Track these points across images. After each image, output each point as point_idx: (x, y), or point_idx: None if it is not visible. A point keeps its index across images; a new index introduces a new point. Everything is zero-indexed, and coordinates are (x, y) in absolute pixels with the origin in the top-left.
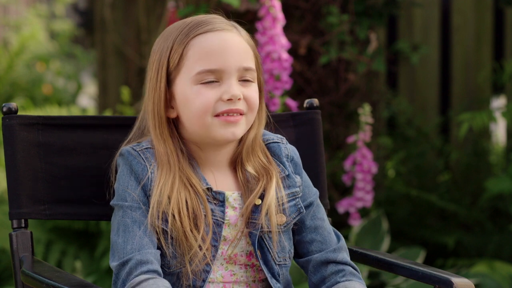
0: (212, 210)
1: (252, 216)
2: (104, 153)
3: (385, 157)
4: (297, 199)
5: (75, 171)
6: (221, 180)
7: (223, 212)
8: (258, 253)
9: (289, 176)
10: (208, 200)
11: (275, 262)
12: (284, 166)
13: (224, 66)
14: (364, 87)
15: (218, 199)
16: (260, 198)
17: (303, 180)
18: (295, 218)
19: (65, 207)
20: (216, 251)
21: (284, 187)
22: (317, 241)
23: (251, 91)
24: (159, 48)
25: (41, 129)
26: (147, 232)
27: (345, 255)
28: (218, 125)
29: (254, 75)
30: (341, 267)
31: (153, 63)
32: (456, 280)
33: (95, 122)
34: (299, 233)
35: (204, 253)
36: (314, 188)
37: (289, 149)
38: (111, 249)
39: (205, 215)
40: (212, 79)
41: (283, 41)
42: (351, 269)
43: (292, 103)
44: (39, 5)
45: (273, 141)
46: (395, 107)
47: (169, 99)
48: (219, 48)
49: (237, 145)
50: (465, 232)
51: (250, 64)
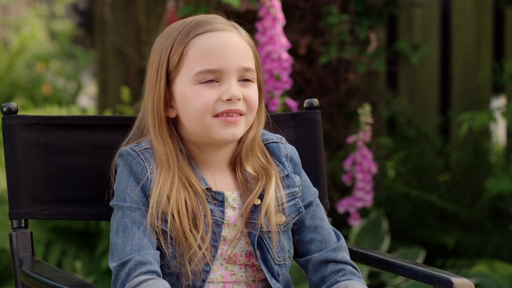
0: (211, 210)
1: (252, 216)
2: (104, 153)
3: (385, 157)
4: (296, 199)
5: (75, 171)
6: (220, 180)
7: (222, 212)
8: (258, 253)
9: (288, 176)
10: (207, 200)
11: (274, 262)
12: (283, 166)
13: (224, 66)
14: (364, 87)
15: (218, 199)
16: (259, 198)
17: (302, 179)
18: (294, 218)
19: (65, 207)
20: (216, 251)
21: (283, 187)
22: (316, 240)
23: (251, 92)
24: (159, 48)
25: (41, 129)
26: (147, 233)
27: (345, 254)
28: (217, 126)
29: (254, 75)
30: (341, 266)
31: (153, 62)
32: (456, 280)
33: (95, 122)
34: (298, 232)
35: (203, 253)
36: (314, 187)
37: (288, 149)
38: (110, 249)
39: (205, 215)
40: (212, 79)
41: (283, 41)
42: (351, 268)
43: (292, 103)
44: (39, 5)
45: (272, 141)
46: (395, 107)
47: (169, 98)
48: (219, 48)
49: (236, 146)
50: (465, 232)
51: (250, 64)
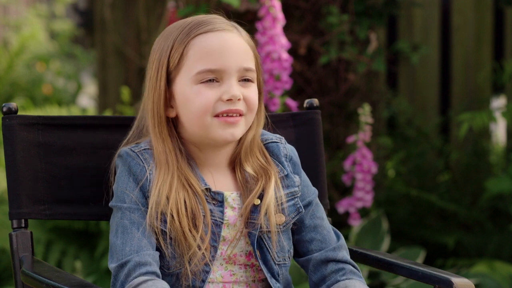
0: (211, 211)
1: (251, 216)
2: (104, 153)
3: (385, 157)
4: (296, 199)
5: (75, 171)
6: (220, 180)
7: (222, 212)
8: (258, 253)
9: (288, 176)
10: (207, 201)
11: (274, 262)
12: (283, 166)
13: (224, 66)
14: (364, 87)
15: (217, 199)
16: (259, 198)
17: (302, 179)
18: (294, 218)
19: (65, 207)
20: (216, 251)
21: (283, 187)
22: (316, 240)
23: (251, 92)
24: (159, 47)
25: (41, 129)
26: (146, 234)
27: (345, 253)
28: (217, 126)
29: (254, 75)
30: (341, 265)
31: (153, 62)
32: (456, 280)
33: (95, 122)
34: (298, 232)
35: (203, 253)
36: (313, 187)
37: (287, 148)
38: (109, 250)
39: (204, 215)
40: (212, 78)
41: (283, 41)
42: (351, 267)
43: (292, 103)
44: (39, 5)
45: (271, 141)
46: (395, 107)
47: (169, 98)
48: (219, 48)
49: (236, 146)
50: (465, 232)
51: (250, 64)
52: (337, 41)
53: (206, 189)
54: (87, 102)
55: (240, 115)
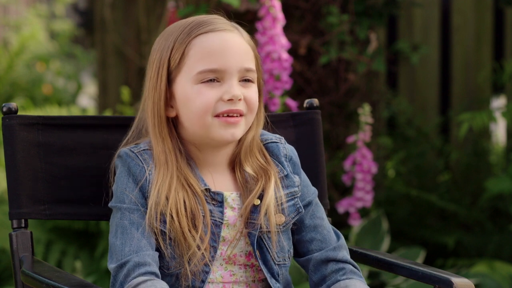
0: (210, 211)
1: (251, 216)
2: (104, 153)
3: (385, 157)
4: (296, 199)
5: (75, 171)
6: (219, 180)
7: (221, 212)
8: (257, 253)
9: (287, 176)
10: (206, 201)
11: (274, 262)
12: (282, 166)
13: (225, 66)
14: (364, 87)
15: (217, 199)
16: (259, 198)
17: (301, 179)
18: (294, 218)
19: (65, 207)
20: (215, 251)
21: (282, 187)
22: (317, 240)
23: (252, 92)
24: (159, 47)
25: (41, 129)
26: (145, 234)
27: (345, 253)
28: (217, 126)
29: (254, 76)
30: (341, 265)
31: (153, 62)
32: (456, 280)
33: (95, 122)
34: (298, 232)
35: (202, 253)
36: (313, 187)
37: (287, 149)
38: (109, 251)
39: (204, 216)
40: (213, 78)
41: (283, 41)
42: (351, 267)
43: (292, 103)
44: (39, 5)
45: (271, 141)
46: (395, 107)
47: (169, 98)
48: (220, 48)
49: (236, 146)
50: (465, 232)
51: (251, 65)
52: (337, 41)
53: (206, 189)
54: (87, 102)
55: (241, 115)
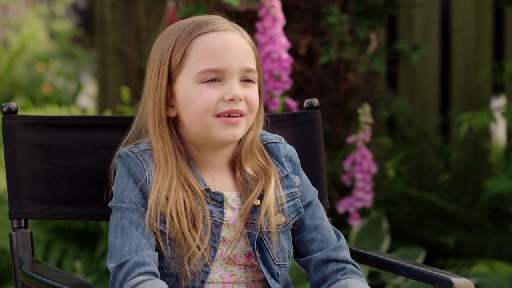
0: (210, 211)
1: (251, 216)
2: (104, 153)
3: (385, 157)
4: (296, 199)
5: (75, 171)
6: (219, 181)
7: (221, 213)
8: (257, 253)
9: (287, 176)
10: (206, 201)
11: (274, 263)
12: (282, 166)
13: (226, 66)
14: (364, 87)
15: (217, 200)
16: (259, 199)
17: (301, 180)
18: (294, 218)
19: (65, 207)
20: (215, 252)
21: (283, 187)
22: (317, 240)
23: (252, 92)
24: (160, 47)
25: (41, 129)
26: (145, 234)
27: (345, 253)
28: (218, 126)
29: (255, 76)
30: (342, 265)
31: (154, 61)
32: (456, 280)
33: (95, 122)
34: (299, 232)
35: (202, 254)
36: (313, 187)
37: (287, 149)
38: (108, 250)
39: (203, 216)
40: (214, 78)
41: (283, 41)
42: (352, 267)
43: (292, 103)
44: (39, 5)
45: (271, 141)
46: (395, 107)
47: (170, 98)
48: (221, 48)
49: (236, 146)
50: (465, 232)
51: (252, 65)
52: (337, 41)
53: (206, 189)
54: (87, 102)
55: (241, 115)
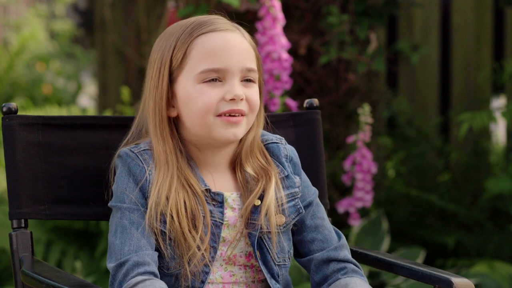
0: (210, 211)
1: (252, 216)
2: (104, 153)
3: (385, 157)
4: (296, 200)
5: (75, 171)
6: (219, 181)
7: (222, 213)
8: (258, 253)
9: (288, 177)
10: (206, 201)
11: (274, 263)
12: (283, 167)
13: (227, 65)
14: (364, 87)
15: (217, 200)
16: (259, 199)
17: (302, 180)
18: (294, 219)
19: (65, 207)
20: (215, 252)
21: (283, 187)
22: (318, 240)
23: (253, 92)
24: (161, 47)
25: (41, 129)
26: (145, 234)
27: (346, 253)
28: (219, 125)
29: (256, 76)
30: (342, 264)
31: (154, 61)
32: (456, 280)
33: (95, 122)
34: (299, 232)
35: (202, 254)
36: (313, 187)
37: (288, 149)
38: (108, 250)
39: (204, 216)
40: (215, 78)
41: (283, 41)
42: (353, 266)
43: (292, 103)
44: (39, 5)
45: (272, 141)
46: (395, 107)
47: (170, 98)
48: (222, 47)
49: (236, 147)
50: (465, 232)
51: (252, 65)
52: (337, 41)
53: (206, 189)
54: (87, 102)
55: (242, 115)
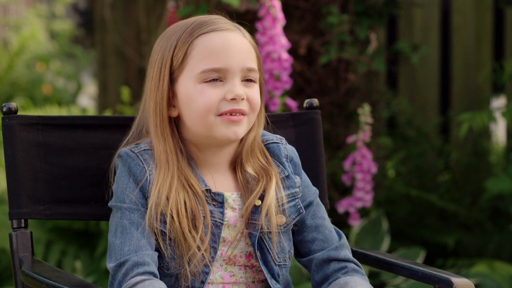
0: (211, 212)
1: (252, 217)
2: (104, 153)
3: (385, 157)
4: (296, 200)
5: (75, 171)
6: (220, 181)
7: (222, 213)
8: (258, 253)
9: (288, 177)
10: (207, 201)
11: (275, 263)
12: (283, 167)
13: (228, 65)
14: (364, 87)
15: (217, 200)
16: (260, 199)
17: (302, 180)
18: (294, 219)
19: (65, 207)
20: (215, 252)
21: (283, 187)
22: (318, 239)
23: (254, 92)
24: (161, 47)
25: (41, 129)
26: (145, 234)
27: (347, 252)
28: (220, 124)
29: (256, 76)
30: (343, 264)
31: (155, 61)
32: (456, 280)
33: (95, 122)
34: (300, 232)
35: (202, 254)
36: (314, 187)
37: (288, 149)
38: (108, 250)
39: (204, 216)
40: (216, 78)
41: (283, 41)
42: (353, 265)
43: (292, 103)
44: (39, 5)
45: (272, 141)
46: (395, 107)
47: (171, 97)
48: (223, 47)
49: (237, 146)
50: (465, 232)
51: (253, 64)
52: (337, 41)
53: (206, 190)
54: (87, 102)
55: (243, 114)
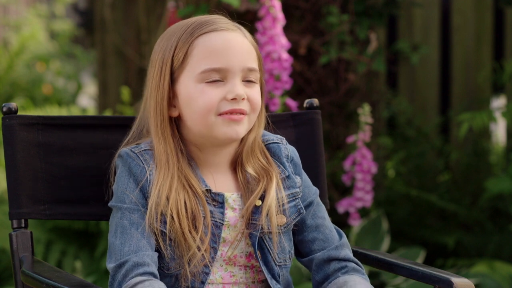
0: (211, 212)
1: (253, 217)
2: (104, 153)
3: (385, 157)
4: (297, 200)
5: (75, 171)
6: (220, 181)
7: (222, 213)
8: (258, 254)
9: (289, 177)
10: (207, 202)
11: (275, 263)
12: (284, 167)
13: (229, 65)
14: (364, 87)
15: (218, 200)
16: (260, 199)
17: (302, 180)
18: (295, 219)
19: (65, 207)
20: (215, 252)
21: (284, 188)
22: (319, 239)
23: (254, 92)
24: (162, 47)
25: (41, 129)
26: (145, 234)
27: (347, 251)
28: (221, 124)
29: (257, 76)
30: (344, 263)
31: (155, 61)
32: (456, 280)
33: (95, 122)
34: (300, 232)
35: (202, 254)
36: (314, 187)
37: (289, 149)
38: (108, 250)
39: (204, 217)
40: (217, 78)
41: (283, 41)
42: (354, 265)
43: (292, 103)
44: (39, 5)
45: (273, 141)
46: (395, 107)
47: (172, 97)
48: (224, 47)
49: (237, 147)
50: (465, 232)
51: (254, 64)
52: (337, 41)
53: (207, 190)
54: (87, 102)
55: (244, 114)
